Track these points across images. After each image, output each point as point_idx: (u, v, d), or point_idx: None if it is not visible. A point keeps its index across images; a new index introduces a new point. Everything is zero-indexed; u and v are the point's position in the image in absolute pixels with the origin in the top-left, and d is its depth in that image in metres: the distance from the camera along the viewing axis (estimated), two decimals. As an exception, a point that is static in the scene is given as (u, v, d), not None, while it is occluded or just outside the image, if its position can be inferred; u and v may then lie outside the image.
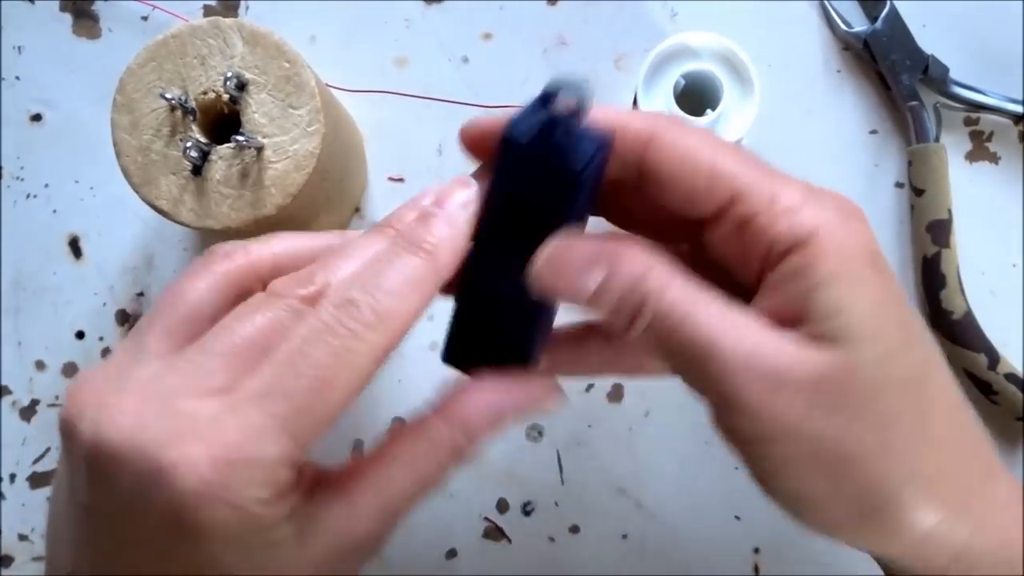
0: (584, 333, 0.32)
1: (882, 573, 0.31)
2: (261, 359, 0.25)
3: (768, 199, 0.27)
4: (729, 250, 0.28)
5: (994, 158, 0.46)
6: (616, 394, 0.45)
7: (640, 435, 0.45)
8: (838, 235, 0.26)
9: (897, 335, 0.27)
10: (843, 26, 0.45)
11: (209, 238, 0.46)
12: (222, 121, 0.38)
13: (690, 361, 0.26)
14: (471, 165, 0.31)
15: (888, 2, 0.45)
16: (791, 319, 0.26)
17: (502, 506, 0.45)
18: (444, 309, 0.31)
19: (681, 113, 0.40)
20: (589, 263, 0.26)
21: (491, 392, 0.28)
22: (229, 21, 0.37)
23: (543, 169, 0.27)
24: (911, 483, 0.27)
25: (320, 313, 0.25)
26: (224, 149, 0.37)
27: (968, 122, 0.46)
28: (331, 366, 0.24)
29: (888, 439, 0.26)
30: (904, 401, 0.27)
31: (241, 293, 0.28)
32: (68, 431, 0.25)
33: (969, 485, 0.28)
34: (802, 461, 0.26)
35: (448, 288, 0.29)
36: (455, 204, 0.27)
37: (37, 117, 0.47)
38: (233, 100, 0.37)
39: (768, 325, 0.26)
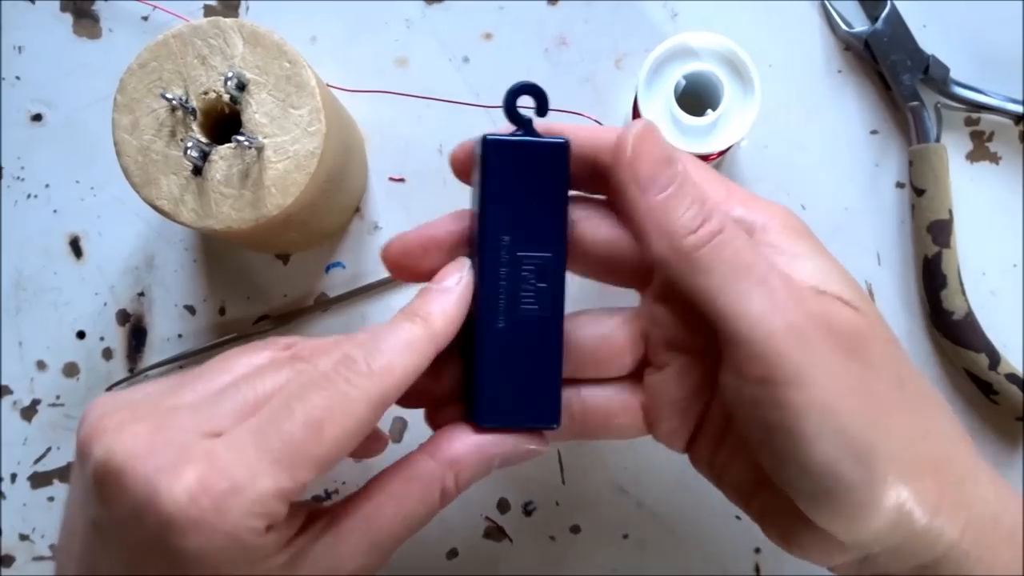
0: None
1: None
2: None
3: (724, 194, 0.29)
4: None
5: (995, 158, 0.46)
6: (617, 394, 0.45)
7: (641, 435, 0.45)
8: (790, 221, 0.29)
9: (872, 303, 0.29)
10: (844, 26, 0.45)
11: (210, 238, 0.46)
12: (223, 121, 0.38)
13: (740, 293, 0.27)
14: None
15: (889, 2, 0.45)
16: None
17: (503, 506, 0.46)
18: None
19: (682, 113, 0.40)
20: (674, 157, 0.28)
21: (480, 435, 0.30)
22: (230, 21, 0.37)
23: (530, 157, 0.29)
24: (926, 440, 0.28)
25: (319, 365, 0.27)
26: (225, 149, 0.37)
27: (969, 122, 0.46)
28: (324, 407, 0.26)
29: (903, 396, 0.28)
30: (903, 361, 0.29)
31: None
32: (84, 448, 0.26)
33: (968, 453, 0.29)
34: (846, 415, 0.26)
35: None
36: (450, 279, 0.29)
37: (38, 117, 0.47)
38: (234, 100, 0.37)
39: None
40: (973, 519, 0.28)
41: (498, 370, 0.30)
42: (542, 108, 0.30)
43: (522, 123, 0.30)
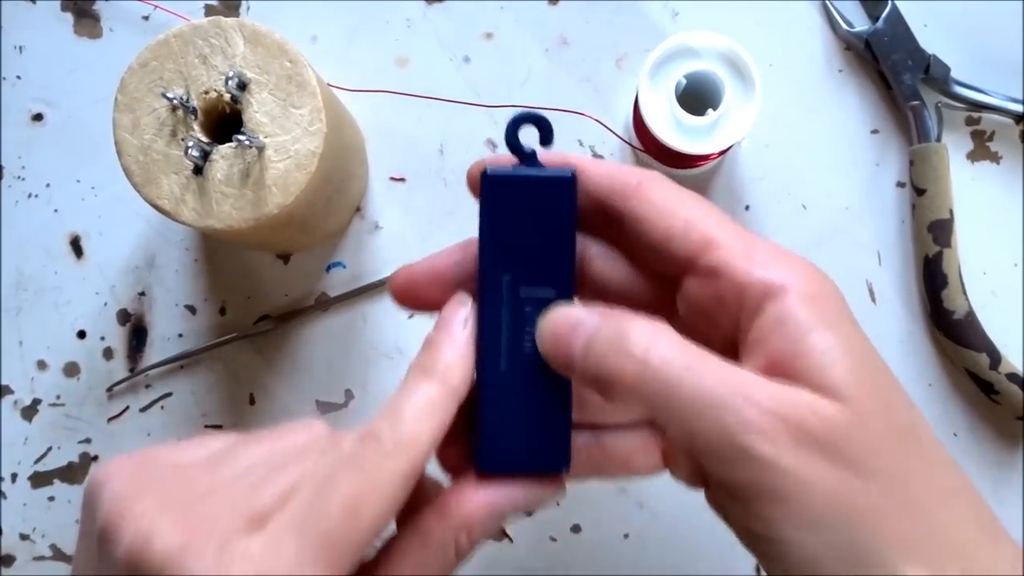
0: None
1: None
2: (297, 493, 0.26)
3: (742, 249, 0.28)
4: (703, 305, 0.29)
5: (995, 158, 0.46)
6: (617, 394, 0.45)
7: (641, 435, 0.45)
8: (813, 285, 0.27)
9: (888, 385, 0.27)
10: (845, 26, 0.45)
11: (211, 238, 0.46)
12: (224, 120, 0.38)
13: (693, 423, 0.26)
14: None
15: (890, 2, 0.45)
16: (782, 374, 0.27)
17: (503, 506, 0.45)
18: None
19: (683, 113, 0.40)
20: (576, 323, 0.28)
21: (490, 490, 0.29)
22: (230, 20, 0.37)
23: (532, 192, 0.28)
24: (929, 541, 0.26)
25: (343, 446, 0.27)
26: (226, 148, 0.37)
27: (969, 122, 0.46)
28: (357, 496, 0.25)
29: (903, 496, 0.26)
30: (909, 453, 0.27)
31: None
32: (110, 531, 0.25)
33: (981, 547, 0.28)
34: (822, 526, 0.26)
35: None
36: (456, 324, 0.29)
37: (38, 117, 0.47)
38: (235, 99, 0.37)
39: (771, 379, 0.26)
40: None
41: (501, 414, 0.29)
42: (546, 139, 0.29)
43: (524, 156, 0.28)
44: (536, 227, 0.28)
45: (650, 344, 0.26)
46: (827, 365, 0.26)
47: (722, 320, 0.29)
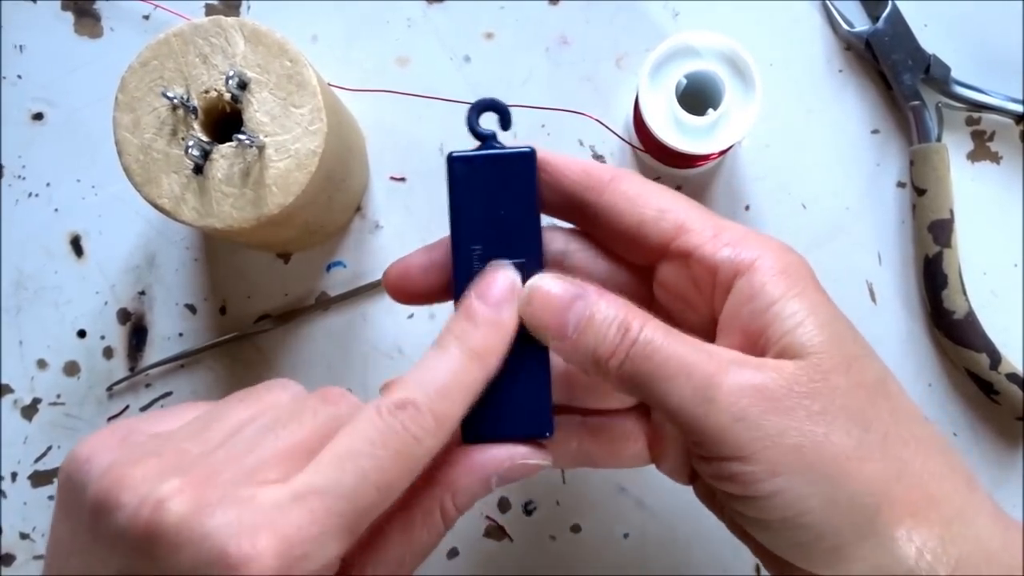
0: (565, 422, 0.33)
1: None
2: (316, 451, 0.26)
3: (712, 232, 0.29)
4: (678, 289, 0.30)
5: (996, 158, 0.46)
6: (617, 393, 0.45)
7: (641, 434, 0.45)
8: (780, 259, 0.28)
9: (854, 345, 0.28)
10: (845, 26, 0.45)
11: (211, 237, 0.46)
12: (224, 120, 0.38)
13: (668, 387, 0.27)
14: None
15: (890, 2, 0.45)
16: (754, 347, 0.28)
17: (503, 505, 0.46)
18: (446, 308, 0.31)
19: (683, 113, 0.40)
20: (572, 298, 0.28)
21: (473, 454, 0.29)
22: (231, 20, 0.37)
23: (495, 169, 0.30)
24: (901, 483, 0.27)
25: (383, 414, 0.26)
26: (226, 148, 0.37)
27: (970, 122, 0.46)
28: (393, 470, 0.25)
29: (868, 441, 0.27)
30: (875, 404, 0.28)
31: None
32: (107, 499, 0.24)
33: (957, 491, 0.29)
34: (793, 474, 0.26)
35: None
36: (504, 303, 0.28)
37: (39, 116, 0.47)
38: (235, 99, 0.37)
39: (738, 350, 0.28)
40: (965, 557, 0.27)
41: (487, 391, 0.29)
42: (505, 122, 0.31)
43: (484, 137, 0.30)
44: (502, 201, 0.30)
45: (634, 319, 0.28)
46: (793, 329, 0.27)
47: (697, 303, 0.30)
